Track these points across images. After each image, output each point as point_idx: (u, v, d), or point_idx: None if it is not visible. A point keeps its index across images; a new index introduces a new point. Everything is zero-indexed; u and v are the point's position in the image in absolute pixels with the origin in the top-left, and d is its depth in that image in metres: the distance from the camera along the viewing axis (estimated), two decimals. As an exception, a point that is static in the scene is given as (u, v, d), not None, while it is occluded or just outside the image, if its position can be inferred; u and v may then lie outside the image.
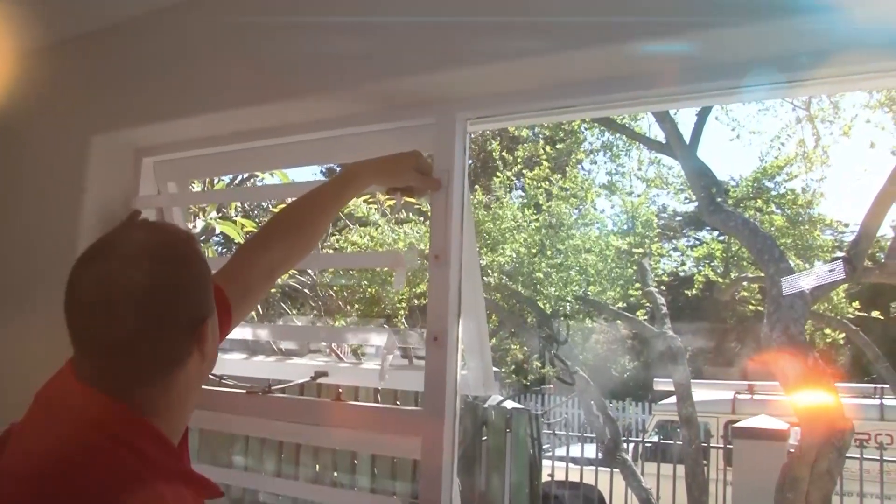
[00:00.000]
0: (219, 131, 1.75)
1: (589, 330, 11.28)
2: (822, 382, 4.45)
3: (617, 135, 9.45)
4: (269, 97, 1.56)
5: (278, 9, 1.58)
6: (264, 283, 1.30)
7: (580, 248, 9.31)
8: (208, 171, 2.30)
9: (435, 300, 1.38)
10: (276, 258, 1.29)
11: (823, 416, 4.36)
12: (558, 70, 1.29)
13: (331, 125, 1.59)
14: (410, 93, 1.44)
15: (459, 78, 1.36)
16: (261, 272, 1.27)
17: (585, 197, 9.56)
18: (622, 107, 1.39)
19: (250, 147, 1.76)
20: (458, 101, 1.43)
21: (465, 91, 1.41)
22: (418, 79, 1.39)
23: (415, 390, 2.13)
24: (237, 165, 1.89)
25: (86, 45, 1.95)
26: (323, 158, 1.75)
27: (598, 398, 7.25)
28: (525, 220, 9.43)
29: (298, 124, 1.62)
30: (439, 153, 1.44)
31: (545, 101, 1.37)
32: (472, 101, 1.42)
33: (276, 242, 1.29)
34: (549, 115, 1.42)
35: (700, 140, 6.69)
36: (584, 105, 1.36)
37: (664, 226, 12.38)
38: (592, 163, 10.76)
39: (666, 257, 11.14)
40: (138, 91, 1.82)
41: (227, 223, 3.42)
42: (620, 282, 9.38)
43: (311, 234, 1.34)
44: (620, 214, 10.00)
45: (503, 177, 9.90)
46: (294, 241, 1.31)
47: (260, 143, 1.73)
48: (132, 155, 1.92)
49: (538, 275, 9.03)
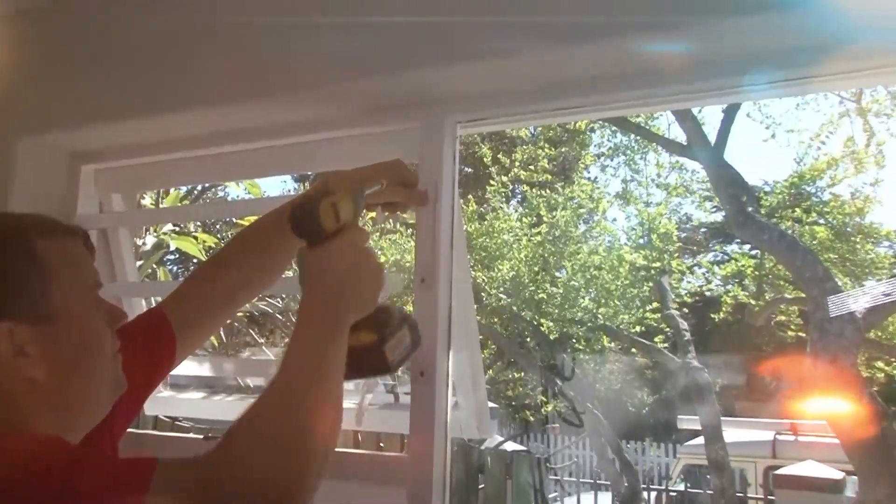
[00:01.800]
0: (173, 135, 1.75)
1: (600, 359, 11.31)
2: (881, 423, 4.36)
3: (631, 136, 9.55)
4: (233, 97, 1.57)
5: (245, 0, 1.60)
6: (222, 310, 1.32)
7: (589, 264, 9.39)
8: (161, 182, 2.31)
9: (421, 329, 1.38)
10: (237, 281, 1.31)
11: (885, 463, 4.26)
12: (558, 67, 1.31)
13: (303, 129, 1.60)
14: (392, 93, 1.45)
15: (448, 76, 1.38)
16: (218, 297, 1.29)
17: (595, 206, 9.65)
18: (630, 106, 1.42)
19: (211, 153, 1.76)
20: (446, 102, 1.44)
21: (454, 91, 1.42)
22: (401, 77, 1.40)
23: (400, 433, 2.13)
24: (196, 175, 1.92)
25: (8, 28, 1.91)
26: (294, 167, 1.77)
27: (612, 439, 7.27)
28: (525, 233, 9.49)
29: (267, 128, 1.63)
30: (425, 161, 1.46)
31: (544, 102, 1.38)
32: (462, 102, 1.44)
33: (238, 263, 1.31)
34: (549, 117, 1.44)
35: (728, 140, 6.78)
36: (587, 105, 1.38)
37: (686, 239, 12.49)
38: (603, 167, 10.90)
39: (689, 275, 11.26)
40: (74, 86, 1.79)
41: (183, 238, 3.43)
42: (636, 303, 9.44)
43: (280, 255, 1.35)
44: (636, 226, 10.08)
45: (498, 183, 9.98)
46: (259, 262, 1.33)
47: (222, 148, 1.74)
48: (67, 161, 1.90)
49: (541, 295, 9.08)
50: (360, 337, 1.10)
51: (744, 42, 1.18)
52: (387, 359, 1.13)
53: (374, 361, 1.12)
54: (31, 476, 0.82)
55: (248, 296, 1.38)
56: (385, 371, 1.15)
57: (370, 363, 1.12)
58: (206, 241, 3.49)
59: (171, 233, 3.59)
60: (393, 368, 1.14)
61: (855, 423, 4.38)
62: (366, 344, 1.11)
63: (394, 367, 1.14)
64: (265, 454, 0.90)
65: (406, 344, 1.17)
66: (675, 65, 1.26)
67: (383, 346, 1.13)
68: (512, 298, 9.18)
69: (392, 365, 1.13)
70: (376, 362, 1.13)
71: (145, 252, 3.48)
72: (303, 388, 0.97)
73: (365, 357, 1.11)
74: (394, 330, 1.15)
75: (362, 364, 1.11)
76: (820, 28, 1.11)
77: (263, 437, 0.92)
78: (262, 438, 0.92)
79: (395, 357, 1.14)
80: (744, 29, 1.14)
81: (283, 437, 0.92)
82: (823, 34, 1.13)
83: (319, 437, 0.94)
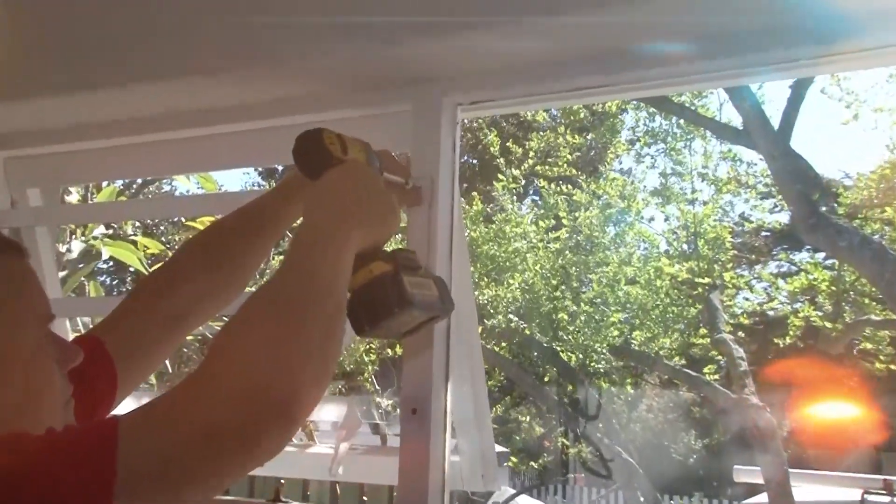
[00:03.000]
0: (105, 116, 1.75)
1: (634, 394, 11.32)
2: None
3: (673, 119, 9.54)
4: (183, 70, 1.58)
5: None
6: (170, 334, 1.32)
7: (619, 277, 9.39)
8: (92, 174, 2.31)
9: (414, 357, 1.41)
10: (187, 301, 1.32)
11: None
12: (578, 35, 1.32)
13: (271, 112, 1.61)
14: (379, 68, 1.47)
15: (446, 48, 1.40)
16: (165, 319, 1.30)
17: (627, 206, 9.66)
18: (669, 84, 1.44)
19: (156, 140, 1.77)
20: (444, 80, 1.47)
21: (453, 66, 1.44)
22: (390, 50, 1.42)
23: (388, 484, 2.16)
24: (137, 166, 1.92)
25: None
26: (258, 157, 1.81)
27: (650, 493, 7.30)
28: (541, 239, 9.48)
29: (225, 110, 1.64)
30: (419, 152, 1.48)
31: (561, 79, 1.41)
32: (462, 80, 1.46)
33: (189, 279, 1.32)
34: (568, 98, 1.46)
35: (795, 124, 6.80)
36: (615, 84, 1.40)
37: (742, 245, 12.50)
38: (637, 158, 10.89)
39: (745, 291, 11.22)
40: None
41: (119, 244, 3.42)
42: (679, 326, 9.46)
43: (240, 269, 1.37)
44: (678, 230, 10.09)
45: (508, 178, 9.96)
46: (214, 277, 1.34)
47: (170, 134, 1.74)
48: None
49: (560, 315, 9.07)
50: (371, 269, 1.14)
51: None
52: (406, 289, 1.13)
53: (389, 293, 1.12)
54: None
55: (204, 315, 1.39)
56: (404, 305, 1.13)
57: (385, 295, 1.12)
58: (149, 248, 3.46)
59: (103, 237, 3.57)
60: (416, 305, 1.13)
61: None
62: (379, 274, 1.14)
63: (416, 303, 1.13)
64: (251, 362, 0.90)
65: (433, 295, 1.18)
66: (727, 29, 1.27)
67: (401, 275, 1.14)
68: (525, 319, 9.19)
69: (414, 299, 1.12)
70: (392, 294, 1.12)
71: (71, 261, 3.48)
72: (296, 297, 0.98)
73: (378, 289, 1.12)
74: (414, 268, 1.18)
75: (375, 299, 1.12)
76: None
77: (246, 344, 0.93)
78: (245, 345, 0.92)
79: (416, 294, 1.14)
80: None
81: (270, 341, 0.92)
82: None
83: (313, 341, 0.95)
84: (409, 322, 1.19)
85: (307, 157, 1.19)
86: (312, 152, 1.18)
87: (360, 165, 1.21)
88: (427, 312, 1.18)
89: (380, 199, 1.18)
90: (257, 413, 0.87)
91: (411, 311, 1.15)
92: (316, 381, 0.94)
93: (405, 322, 1.18)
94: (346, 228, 1.08)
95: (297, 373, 0.91)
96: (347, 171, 1.17)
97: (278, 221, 1.40)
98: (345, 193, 1.14)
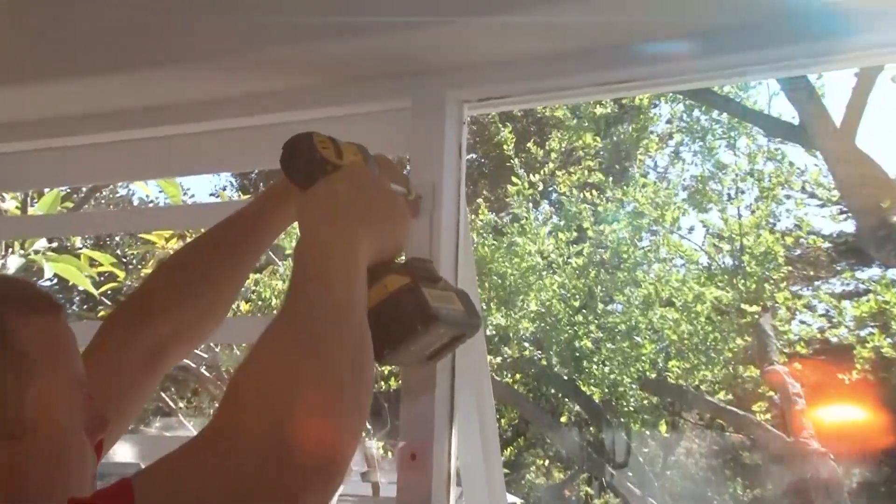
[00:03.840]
0: (55, 111, 1.75)
1: (671, 436, 11.26)
2: None
3: (715, 113, 9.50)
4: (146, 60, 1.58)
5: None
6: (150, 373, 1.33)
7: (652, 299, 9.33)
8: (33, 181, 2.30)
9: (413, 393, 1.41)
10: (165, 333, 1.32)
11: None
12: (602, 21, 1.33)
13: (249, 109, 1.62)
14: (374, 59, 1.49)
15: (450, 35, 1.41)
16: (142, 357, 1.30)
17: (661, 215, 9.61)
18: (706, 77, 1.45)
19: (114, 140, 1.78)
20: (448, 72, 1.48)
21: (459, 56, 1.46)
22: (387, 38, 1.43)
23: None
24: (90, 171, 1.93)
25: None
26: (233, 161, 1.86)
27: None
28: (560, 254, 9.44)
29: (195, 105, 1.65)
30: (420, 155, 1.49)
31: (582, 72, 1.42)
32: (470, 72, 1.48)
33: (166, 308, 1.33)
34: (590, 93, 1.49)
35: (862, 118, 6.76)
36: (643, 78, 1.42)
37: (798, 261, 12.43)
38: (672, 159, 10.84)
39: (802, 314, 11.14)
40: None
41: (64, 259, 3.39)
42: (723, 356, 9.40)
43: (223, 292, 1.40)
44: (721, 243, 10.05)
45: (523, 182, 9.92)
46: (196, 303, 1.35)
47: (128, 133, 1.75)
48: None
49: (583, 343, 9.01)
50: (385, 285, 1.14)
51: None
52: (428, 303, 1.12)
53: (409, 309, 1.12)
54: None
55: (187, 346, 1.41)
56: (429, 322, 1.13)
57: (405, 313, 1.12)
58: (102, 264, 3.41)
59: (45, 251, 3.53)
60: (442, 320, 1.13)
61: None
62: (396, 290, 1.14)
63: (442, 318, 1.13)
64: (281, 412, 0.89)
65: (458, 309, 1.18)
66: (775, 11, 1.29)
67: (420, 287, 1.14)
68: (541, 348, 9.16)
69: (439, 314, 1.12)
70: (413, 309, 1.12)
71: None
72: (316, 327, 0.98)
73: (397, 306, 1.12)
74: (434, 280, 1.18)
75: (394, 318, 1.12)
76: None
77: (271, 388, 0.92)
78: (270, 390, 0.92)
79: (441, 308, 1.14)
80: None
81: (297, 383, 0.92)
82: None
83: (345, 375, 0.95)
84: (433, 342, 1.19)
85: (297, 165, 1.20)
86: (303, 159, 1.19)
87: (360, 168, 1.22)
88: (453, 329, 1.19)
89: (387, 202, 1.19)
90: (295, 470, 0.87)
91: (437, 328, 1.15)
92: (354, 420, 0.95)
93: (429, 342, 1.18)
94: (351, 238, 1.09)
95: (331, 417, 0.92)
96: (345, 175, 1.18)
97: (264, 232, 1.42)
98: (346, 200, 1.14)
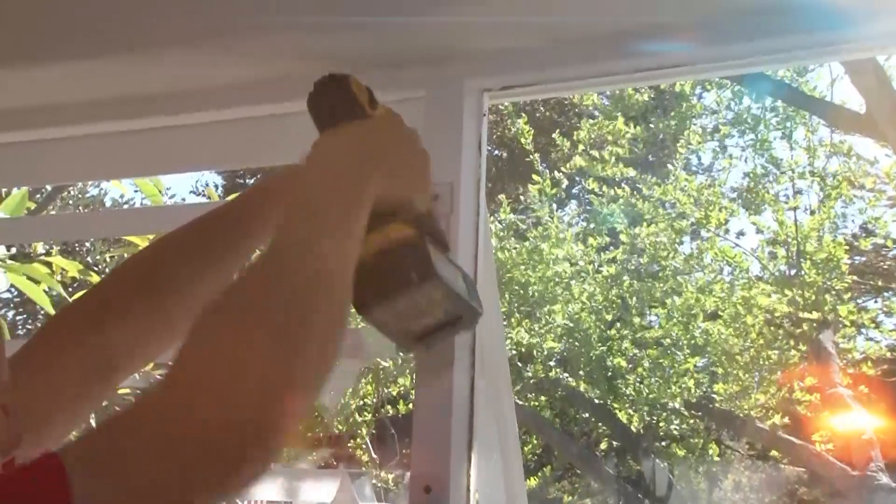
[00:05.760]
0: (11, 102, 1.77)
1: (718, 468, 11.12)
2: None
3: (769, 101, 9.37)
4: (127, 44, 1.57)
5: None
6: (95, 389, 1.27)
7: (696, 311, 9.20)
8: None
9: (426, 418, 1.40)
10: (118, 345, 1.26)
11: None
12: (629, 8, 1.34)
13: (240, 99, 1.63)
14: (387, 45, 1.49)
15: (469, 18, 1.39)
16: (88, 369, 1.24)
17: (705, 217, 9.50)
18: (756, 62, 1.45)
19: (86, 134, 1.79)
20: (467, 59, 1.48)
21: (478, 40, 1.46)
22: (401, 21, 1.42)
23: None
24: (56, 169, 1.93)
25: None
26: (222, 159, 1.85)
27: None
28: (590, 261, 9.37)
29: (179, 95, 1.65)
30: (435, 151, 1.42)
31: (613, 59, 1.41)
32: (490, 59, 1.48)
33: (121, 314, 1.27)
34: (622, 81, 1.52)
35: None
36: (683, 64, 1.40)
37: (864, 269, 12.24)
38: (718, 153, 10.71)
39: (870, 329, 10.89)
40: None
41: (26, 269, 3.36)
42: (777, 376, 9.25)
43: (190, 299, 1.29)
44: (773, 247, 9.94)
45: (546, 180, 9.80)
46: (159, 312, 1.29)
47: (101, 126, 1.76)
48: None
49: (616, 361, 8.94)
50: (387, 232, 1.10)
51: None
52: (429, 257, 1.10)
53: (408, 259, 1.10)
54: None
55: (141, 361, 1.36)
56: (426, 275, 1.10)
57: (402, 262, 1.09)
58: (68, 271, 3.43)
59: (4, 258, 3.52)
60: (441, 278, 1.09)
61: None
62: (397, 237, 1.11)
63: (441, 277, 1.09)
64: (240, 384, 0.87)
65: (459, 285, 1.15)
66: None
67: (425, 241, 1.11)
68: (569, 367, 9.06)
69: (439, 271, 1.09)
70: (411, 260, 1.10)
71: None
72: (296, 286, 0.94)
73: (395, 255, 1.10)
74: (442, 245, 1.16)
75: (389, 266, 1.09)
76: None
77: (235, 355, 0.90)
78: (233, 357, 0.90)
79: (442, 268, 1.11)
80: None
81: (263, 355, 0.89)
82: None
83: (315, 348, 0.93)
84: (425, 309, 1.13)
85: (327, 104, 1.17)
86: (336, 98, 1.16)
87: (396, 120, 1.19)
88: (450, 302, 1.14)
89: (414, 151, 1.18)
90: (242, 445, 0.86)
91: (433, 288, 1.11)
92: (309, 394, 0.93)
93: (421, 307, 1.13)
94: (361, 171, 1.07)
95: (289, 394, 0.90)
96: (377, 123, 1.17)
97: (250, 233, 1.35)
98: (369, 141, 1.13)
